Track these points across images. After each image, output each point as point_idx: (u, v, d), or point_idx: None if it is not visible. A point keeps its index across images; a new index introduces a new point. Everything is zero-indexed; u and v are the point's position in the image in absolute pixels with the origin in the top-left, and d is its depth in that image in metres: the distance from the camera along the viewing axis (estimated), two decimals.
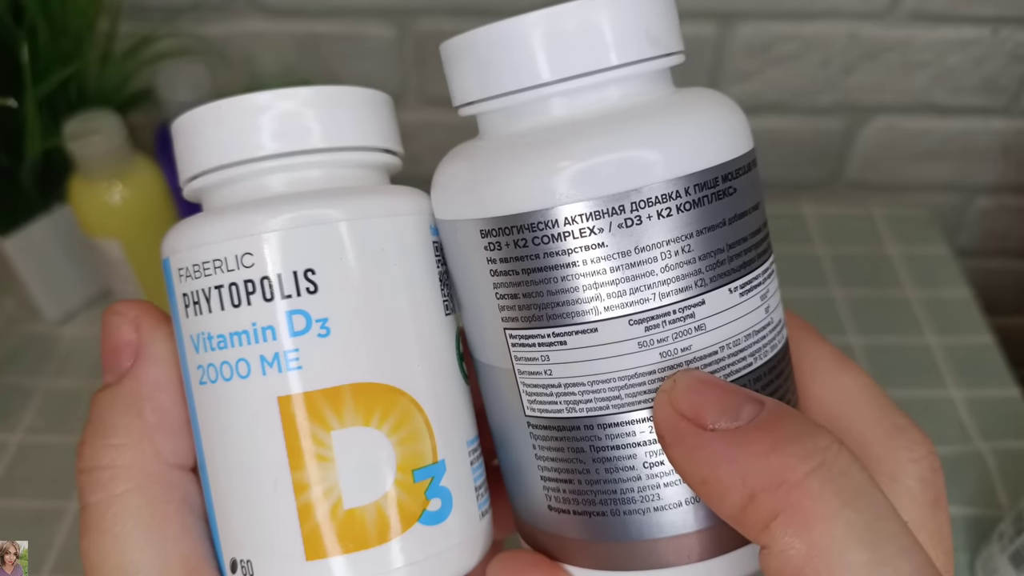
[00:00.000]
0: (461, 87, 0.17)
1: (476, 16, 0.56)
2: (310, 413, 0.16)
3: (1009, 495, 0.45)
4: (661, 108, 0.16)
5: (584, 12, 0.15)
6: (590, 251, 0.15)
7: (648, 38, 0.15)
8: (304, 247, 0.16)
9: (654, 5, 0.16)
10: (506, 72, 0.16)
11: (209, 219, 0.17)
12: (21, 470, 0.47)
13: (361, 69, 0.60)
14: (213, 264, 0.17)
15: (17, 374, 0.52)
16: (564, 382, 0.16)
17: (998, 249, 0.71)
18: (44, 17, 0.46)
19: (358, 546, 0.16)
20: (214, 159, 0.18)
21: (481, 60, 0.17)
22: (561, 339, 0.15)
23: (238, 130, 0.18)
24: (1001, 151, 0.64)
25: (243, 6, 0.57)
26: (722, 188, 0.15)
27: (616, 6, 0.15)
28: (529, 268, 0.15)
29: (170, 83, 0.45)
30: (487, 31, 0.17)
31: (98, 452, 0.18)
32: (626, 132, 0.15)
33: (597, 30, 0.15)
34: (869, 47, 0.58)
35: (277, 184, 0.18)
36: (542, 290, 0.15)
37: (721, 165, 0.15)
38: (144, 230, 0.46)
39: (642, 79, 0.16)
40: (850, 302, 0.56)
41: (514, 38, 0.16)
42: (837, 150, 0.64)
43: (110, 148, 0.43)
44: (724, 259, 0.15)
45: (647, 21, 0.16)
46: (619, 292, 0.15)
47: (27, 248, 0.51)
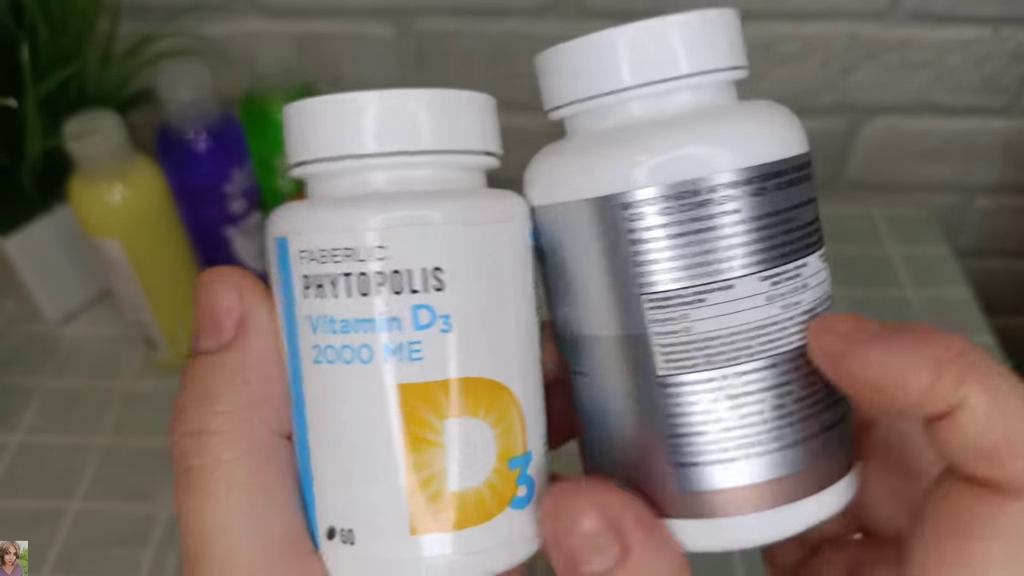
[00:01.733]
0: (557, 91, 0.20)
1: (476, 16, 0.56)
2: (426, 401, 0.18)
3: None
4: (759, 108, 0.19)
5: (662, 28, 0.18)
6: (729, 215, 0.17)
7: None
8: (436, 246, 0.18)
9: (718, 24, 0.19)
10: (595, 77, 0.19)
11: (343, 207, 0.18)
12: (21, 470, 0.47)
13: (361, 69, 0.60)
14: (344, 252, 0.18)
15: (17, 374, 0.52)
16: (703, 337, 0.18)
17: (998, 249, 0.71)
18: (44, 17, 0.46)
19: (458, 525, 0.18)
20: (358, 147, 0.18)
21: (575, 68, 0.19)
22: (701, 297, 0.17)
23: (388, 123, 0.18)
24: (1001, 151, 0.64)
25: (243, 6, 0.57)
26: (804, 174, 0.18)
27: (687, 24, 0.18)
28: (674, 234, 0.17)
29: (170, 83, 0.45)
30: (580, 42, 0.19)
31: (205, 417, 0.18)
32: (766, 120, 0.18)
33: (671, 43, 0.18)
34: (870, 47, 0.58)
35: (410, 180, 0.19)
36: (686, 252, 0.17)
37: (797, 156, 0.18)
38: (144, 230, 0.46)
39: (710, 88, 0.19)
40: (850, 302, 0.56)
41: (604, 48, 0.18)
42: (838, 150, 0.64)
43: (110, 148, 0.43)
44: (811, 231, 0.19)
45: (715, 37, 0.19)
46: (751, 252, 0.17)
47: (28, 248, 0.51)
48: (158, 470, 0.47)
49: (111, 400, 0.51)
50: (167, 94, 0.45)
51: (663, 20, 0.18)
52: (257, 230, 0.51)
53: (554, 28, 0.56)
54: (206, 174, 0.48)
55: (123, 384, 0.52)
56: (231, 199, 0.49)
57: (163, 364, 0.52)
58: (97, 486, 0.46)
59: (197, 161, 0.47)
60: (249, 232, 0.51)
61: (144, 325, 0.49)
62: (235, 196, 0.49)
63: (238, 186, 0.49)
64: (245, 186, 0.49)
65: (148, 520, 0.45)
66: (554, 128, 0.22)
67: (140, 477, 0.47)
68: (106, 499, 0.46)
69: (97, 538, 0.44)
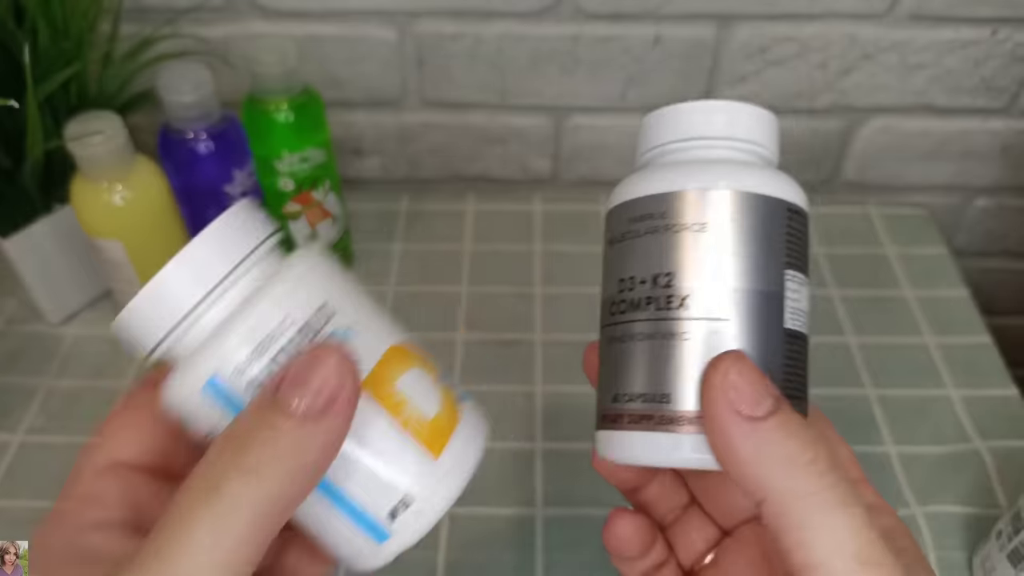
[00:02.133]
0: (657, 137, 0.25)
1: (476, 18, 0.57)
2: (375, 384, 0.23)
3: (1007, 494, 0.45)
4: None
5: (712, 107, 0.25)
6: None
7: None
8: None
9: (752, 115, 0.25)
10: (682, 128, 0.24)
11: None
12: (22, 470, 0.47)
13: (362, 71, 0.60)
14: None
15: (18, 374, 0.52)
16: (805, 308, 0.23)
17: (996, 250, 0.71)
18: (45, 18, 0.46)
19: (446, 434, 0.23)
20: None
21: (667, 123, 0.25)
22: (805, 281, 0.23)
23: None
24: (1000, 152, 0.64)
25: (244, 8, 0.57)
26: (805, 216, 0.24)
27: (731, 110, 0.25)
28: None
29: (171, 84, 0.45)
30: (672, 110, 0.25)
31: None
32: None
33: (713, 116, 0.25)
34: (867, 48, 0.58)
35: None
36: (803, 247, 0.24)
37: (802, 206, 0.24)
38: (145, 231, 0.46)
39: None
40: (848, 302, 0.56)
41: (679, 114, 0.25)
42: (835, 151, 0.64)
43: (111, 149, 0.43)
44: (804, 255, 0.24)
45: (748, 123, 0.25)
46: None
47: (29, 249, 0.51)
48: None
49: (112, 400, 0.51)
50: (168, 95, 0.45)
51: (751, 107, 0.25)
52: None
53: (553, 30, 0.56)
54: (207, 175, 0.48)
55: (124, 384, 0.52)
56: (232, 200, 0.49)
57: (164, 364, 0.52)
58: None
59: (198, 162, 0.47)
60: None
61: None
62: (236, 197, 0.49)
63: (239, 187, 0.49)
64: (246, 187, 0.50)
65: None
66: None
67: None
68: None
69: None
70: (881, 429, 0.49)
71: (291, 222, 0.54)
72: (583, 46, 0.58)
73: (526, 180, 0.67)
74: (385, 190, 0.66)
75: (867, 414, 0.49)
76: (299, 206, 0.53)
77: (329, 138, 0.52)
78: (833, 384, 0.51)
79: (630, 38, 0.57)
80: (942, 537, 0.43)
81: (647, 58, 0.58)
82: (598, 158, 0.65)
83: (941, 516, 0.44)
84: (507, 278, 0.58)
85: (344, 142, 0.64)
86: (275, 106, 0.49)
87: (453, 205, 0.64)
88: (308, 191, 0.53)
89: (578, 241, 0.61)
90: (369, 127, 0.63)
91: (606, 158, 0.65)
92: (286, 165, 0.51)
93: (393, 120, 0.62)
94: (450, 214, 0.63)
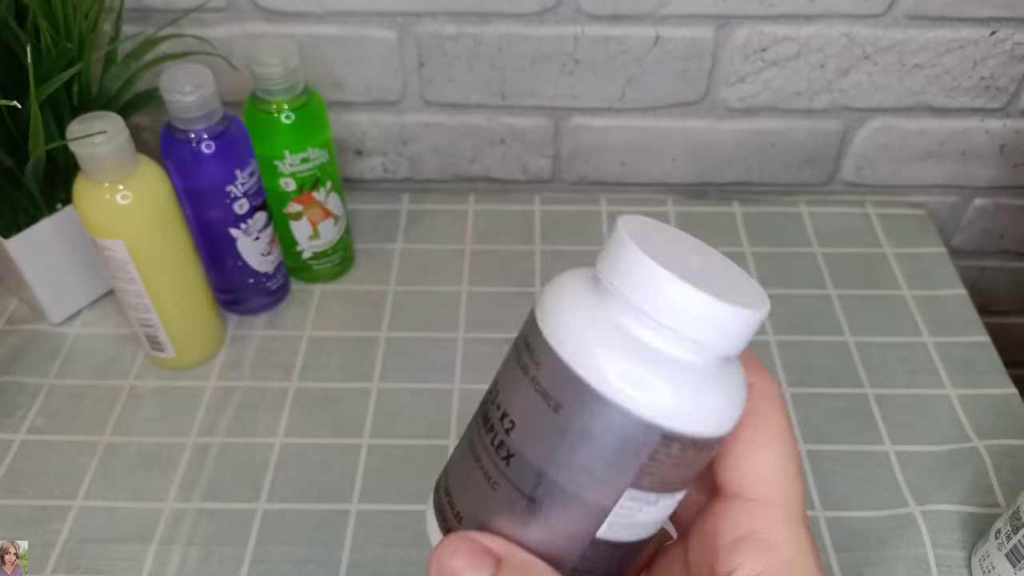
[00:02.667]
0: (622, 280, 0.21)
1: (476, 18, 0.57)
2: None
3: (1006, 493, 0.45)
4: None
5: (682, 294, 0.20)
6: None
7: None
8: None
9: (727, 317, 0.20)
10: (638, 296, 0.20)
11: None
12: (24, 469, 0.47)
13: (363, 71, 0.60)
14: None
15: (20, 373, 0.52)
16: (647, 520, 0.22)
17: (994, 249, 0.71)
18: (47, 19, 0.46)
19: None
20: None
21: (635, 276, 0.20)
22: (660, 498, 0.22)
23: None
24: (998, 152, 0.64)
25: (245, 8, 0.57)
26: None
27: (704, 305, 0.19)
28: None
29: (173, 84, 0.45)
30: (649, 271, 0.20)
31: None
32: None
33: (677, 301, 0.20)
34: (866, 48, 0.58)
35: None
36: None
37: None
38: (148, 231, 0.46)
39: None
40: (846, 301, 0.57)
41: (649, 279, 0.20)
42: (834, 151, 0.64)
43: (113, 149, 0.43)
44: None
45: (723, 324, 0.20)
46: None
47: (31, 248, 0.51)
48: (160, 468, 0.47)
49: (113, 399, 0.51)
50: (170, 95, 0.46)
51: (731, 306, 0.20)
52: (259, 230, 0.52)
53: (553, 30, 0.56)
54: (210, 175, 0.48)
55: (125, 383, 0.52)
56: (235, 200, 0.50)
57: (166, 364, 0.52)
58: (99, 485, 0.46)
59: (201, 162, 0.48)
60: (252, 232, 0.51)
61: (148, 325, 0.50)
62: (239, 197, 0.50)
63: (242, 187, 0.49)
64: (249, 187, 0.50)
65: (150, 518, 0.45)
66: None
67: (142, 476, 0.47)
68: (108, 498, 0.46)
69: (99, 536, 0.44)
70: (880, 428, 0.49)
71: (292, 222, 0.54)
72: (583, 47, 0.58)
73: (526, 180, 0.67)
74: (386, 190, 0.66)
75: (866, 413, 0.50)
76: (300, 206, 0.54)
77: (330, 138, 0.53)
78: (832, 384, 0.51)
79: (630, 39, 0.58)
80: (941, 536, 0.44)
81: (647, 58, 0.59)
82: (598, 158, 0.65)
83: (940, 515, 0.44)
84: (507, 278, 0.58)
85: (345, 142, 0.64)
86: (276, 106, 0.50)
87: (453, 205, 0.64)
88: (309, 191, 0.53)
89: (578, 241, 0.61)
90: (370, 127, 0.63)
91: (606, 158, 0.65)
92: (287, 165, 0.51)
93: (394, 120, 0.63)
94: (450, 214, 0.63)
